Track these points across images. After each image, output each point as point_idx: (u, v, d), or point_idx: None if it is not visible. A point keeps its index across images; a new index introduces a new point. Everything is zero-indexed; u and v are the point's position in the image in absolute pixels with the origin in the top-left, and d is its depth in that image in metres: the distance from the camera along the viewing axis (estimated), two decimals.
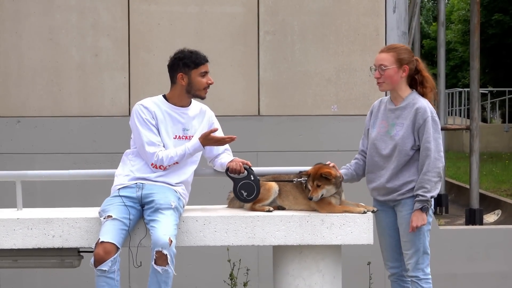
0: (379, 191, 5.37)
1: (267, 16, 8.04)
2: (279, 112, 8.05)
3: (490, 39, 26.74)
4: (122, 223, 4.97)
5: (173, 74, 5.31)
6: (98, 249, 4.86)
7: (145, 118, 5.22)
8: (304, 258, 5.15)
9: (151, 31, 8.01)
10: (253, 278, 7.49)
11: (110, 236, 4.89)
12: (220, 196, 5.49)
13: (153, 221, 4.96)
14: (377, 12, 8.07)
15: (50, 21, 7.98)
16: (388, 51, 5.35)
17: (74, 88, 7.99)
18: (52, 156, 7.82)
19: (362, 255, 7.04)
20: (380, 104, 5.50)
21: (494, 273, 8.52)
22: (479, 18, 10.64)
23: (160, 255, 4.83)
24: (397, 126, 5.31)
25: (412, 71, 5.36)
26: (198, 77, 5.28)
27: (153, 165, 5.19)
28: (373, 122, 5.48)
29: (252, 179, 5.27)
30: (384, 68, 5.29)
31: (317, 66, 8.08)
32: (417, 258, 5.30)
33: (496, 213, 13.44)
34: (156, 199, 5.05)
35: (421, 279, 5.33)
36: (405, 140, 5.25)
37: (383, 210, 5.42)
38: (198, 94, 5.32)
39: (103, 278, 4.87)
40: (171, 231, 4.90)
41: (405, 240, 5.33)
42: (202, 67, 5.29)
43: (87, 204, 5.83)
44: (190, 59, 5.27)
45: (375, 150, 5.38)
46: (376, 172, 5.38)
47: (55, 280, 7.81)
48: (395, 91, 5.36)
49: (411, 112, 5.28)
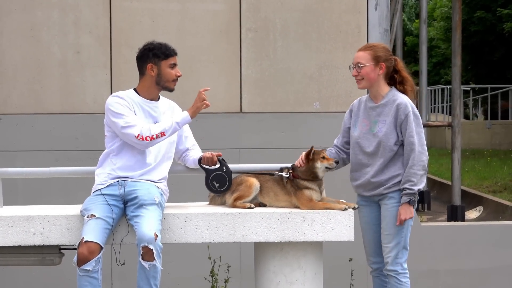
0: (364, 187, 5.42)
1: (249, 13, 8.05)
2: (261, 109, 8.05)
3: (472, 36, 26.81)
4: (106, 222, 4.97)
5: (142, 65, 5.31)
6: (82, 248, 4.84)
7: (123, 104, 5.22)
8: (285, 255, 5.16)
9: (133, 28, 7.99)
10: (235, 275, 7.49)
11: (94, 235, 4.89)
12: (202, 193, 5.49)
13: (137, 216, 4.96)
14: (359, 9, 8.08)
15: (32, 18, 7.95)
16: (365, 49, 5.46)
17: (56, 85, 7.96)
18: (33, 154, 7.79)
19: (344, 252, 7.06)
20: (360, 103, 5.56)
21: (475, 269, 8.55)
22: (461, 15, 10.67)
23: (147, 250, 4.84)
24: (380, 123, 5.37)
25: (390, 69, 5.44)
26: (167, 68, 5.28)
27: (139, 137, 5.10)
28: (354, 121, 5.53)
29: (224, 170, 5.28)
30: (361, 65, 5.39)
31: (299, 63, 8.08)
32: (397, 252, 5.34)
33: (478, 210, 13.49)
34: (139, 195, 5.05)
35: (399, 273, 5.37)
36: (388, 136, 5.32)
37: (367, 205, 5.47)
38: (167, 86, 5.32)
39: (86, 277, 4.86)
40: (156, 226, 4.90)
41: (387, 233, 5.36)
42: (171, 59, 5.30)
43: (69, 201, 5.82)
44: (160, 50, 5.28)
45: (359, 148, 5.42)
46: (361, 170, 5.43)
47: (36, 278, 7.78)
48: (374, 88, 5.44)
49: (392, 108, 5.34)
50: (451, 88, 10.68)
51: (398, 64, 5.48)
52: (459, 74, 10.53)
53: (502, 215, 12.22)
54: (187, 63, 7.76)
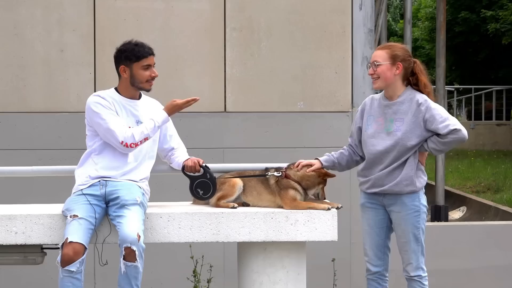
0: (374, 182, 5.35)
1: (233, 13, 8.03)
2: (246, 109, 8.04)
3: (457, 36, 26.91)
4: (89, 223, 4.94)
5: (116, 67, 5.31)
6: (67, 249, 4.81)
7: (105, 104, 5.20)
8: (268, 255, 5.15)
9: (117, 27, 7.97)
10: (218, 274, 7.48)
11: (78, 236, 4.85)
12: (185, 192, 5.47)
13: (120, 217, 4.93)
14: (344, 10, 8.08)
15: (15, 16, 7.91)
16: (383, 48, 5.36)
17: (39, 83, 7.92)
18: (16, 152, 7.76)
19: (327, 252, 7.07)
20: (372, 101, 5.47)
21: (459, 269, 8.58)
22: (445, 16, 10.72)
23: (129, 251, 4.82)
24: (397, 122, 5.28)
25: (408, 71, 5.32)
26: (140, 70, 5.24)
27: (123, 143, 5.11)
28: (366, 119, 5.44)
29: (208, 177, 5.27)
30: (377, 64, 5.28)
31: (284, 63, 8.07)
32: (418, 257, 5.33)
33: (461, 210, 13.54)
34: (121, 195, 5.03)
35: (422, 277, 5.38)
36: (408, 135, 5.24)
37: (373, 207, 5.43)
38: (142, 87, 5.30)
39: (69, 278, 4.83)
40: (138, 227, 4.88)
41: (404, 241, 5.34)
42: (144, 60, 5.25)
43: (51, 200, 5.79)
44: (132, 52, 5.24)
45: (372, 146, 5.35)
46: (372, 168, 5.36)
47: (18, 277, 7.74)
48: (390, 88, 5.33)
49: (410, 106, 5.26)
50: (435, 88, 10.69)
51: (416, 66, 5.36)
52: (443, 74, 10.58)
53: (485, 215, 12.27)
54: (171, 62, 7.75)
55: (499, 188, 14.56)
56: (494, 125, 25.01)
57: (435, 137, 5.24)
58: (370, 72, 5.34)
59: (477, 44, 27.19)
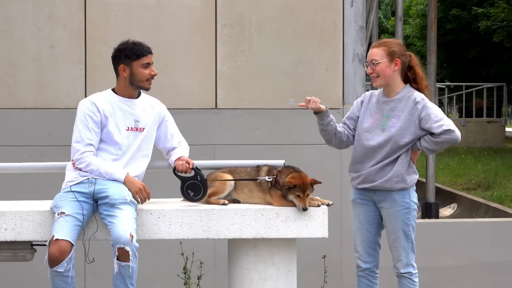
0: (365, 177, 5.36)
1: (224, 9, 8.02)
2: (237, 105, 8.03)
3: (448, 34, 26.97)
4: (76, 219, 4.92)
5: (115, 66, 5.30)
6: (53, 248, 4.79)
7: (86, 114, 5.17)
8: (259, 252, 5.14)
9: (108, 23, 7.94)
10: (209, 271, 7.48)
11: (64, 233, 4.84)
12: (175, 189, 5.46)
13: (111, 216, 4.92)
14: (335, 6, 8.07)
15: (6, 12, 7.88)
16: (379, 46, 5.35)
17: (29, 80, 7.90)
18: (6, 149, 7.73)
19: (318, 249, 7.06)
20: (371, 96, 5.48)
21: (449, 266, 8.60)
22: (436, 13, 10.72)
23: (123, 252, 4.81)
24: (393, 118, 5.30)
25: (405, 65, 5.34)
26: (140, 68, 5.24)
27: (72, 161, 5.16)
28: (363, 112, 5.45)
29: (199, 179, 5.25)
30: (376, 62, 5.29)
31: (275, 60, 8.07)
32: (407, 254, 5.34)
33: (452, 207, 13.55)
34: (110, 194, 5.01)
35: (412, 274, 5.39)
36: (402, 132, 5.26)
37: (363, 203, 5.43)
38: (142, 86, 5.29)
39: (59, 277, 4.83)
40: (131, 226, 4.87)
41: (394, 237, 5.35)
42: (144, 59, 5.26)
43: (41, 197, 5.77)
44: (131, 50, 5.24)
45: (366, 140, 5.36)
46: (363, 162, 5.37)
47: (8, 274, 7.72)
48: (389, 85, 5.34)
49: (407, 104, 5.27)
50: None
51: (412, 60, 5.39)
52: (434, 71, 10.58)
53: (476, 212, 12.29)
54: (162, 58, 7.73)
55: (490, 185, 14.59)
56: (485, 122, 25.08)
57: (429, 136, 5.26)
58: (369, 71, 5.34)
59: (468, 42, 27.27)
